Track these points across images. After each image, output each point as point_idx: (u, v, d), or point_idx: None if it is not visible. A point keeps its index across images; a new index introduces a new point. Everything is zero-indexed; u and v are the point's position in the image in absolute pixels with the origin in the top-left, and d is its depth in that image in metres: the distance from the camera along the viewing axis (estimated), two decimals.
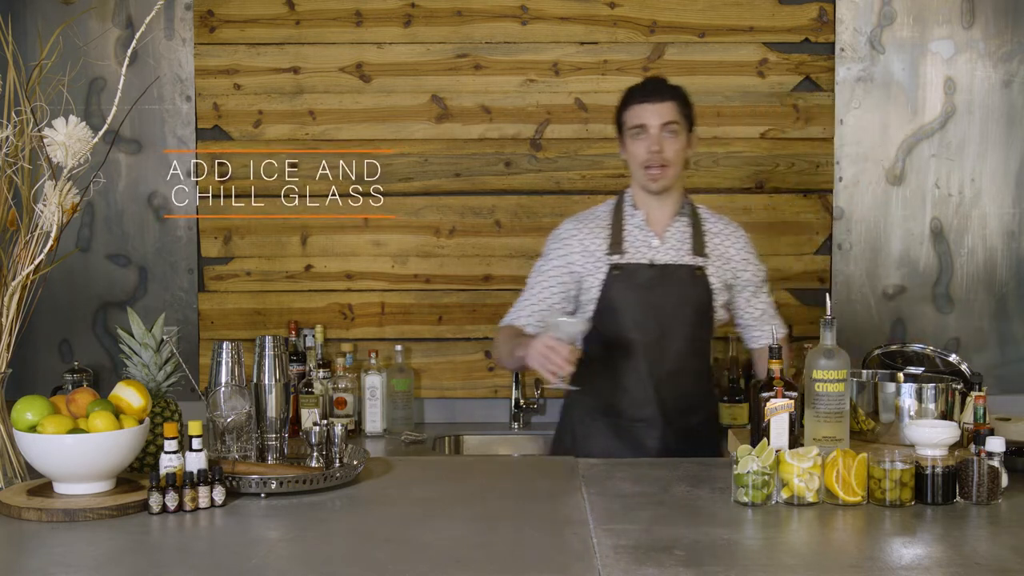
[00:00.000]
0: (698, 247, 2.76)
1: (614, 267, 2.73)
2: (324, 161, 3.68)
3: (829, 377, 2.28)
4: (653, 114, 2.68)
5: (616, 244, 2.74)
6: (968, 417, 2.44)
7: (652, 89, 2.73)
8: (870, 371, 2.77)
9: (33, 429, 2.07)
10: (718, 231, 2.82)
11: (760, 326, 2.88)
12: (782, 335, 2.89)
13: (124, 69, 2.18)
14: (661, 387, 2.73)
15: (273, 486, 2.15)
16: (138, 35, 2.22)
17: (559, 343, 2.42)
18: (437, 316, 3.70)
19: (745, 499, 2.09)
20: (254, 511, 2.08)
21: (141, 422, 2.13)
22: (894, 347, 3.23)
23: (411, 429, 3.56)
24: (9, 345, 2.20)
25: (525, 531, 1.95)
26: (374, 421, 3.52)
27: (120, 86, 2.15)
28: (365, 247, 3.71)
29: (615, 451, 2.68)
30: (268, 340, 2.34)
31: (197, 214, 3.68)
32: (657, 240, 2.75)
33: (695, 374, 2.79)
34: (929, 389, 2.48)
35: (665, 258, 2.74)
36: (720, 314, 2.82)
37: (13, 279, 2.18)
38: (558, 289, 2.77)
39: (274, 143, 3.68)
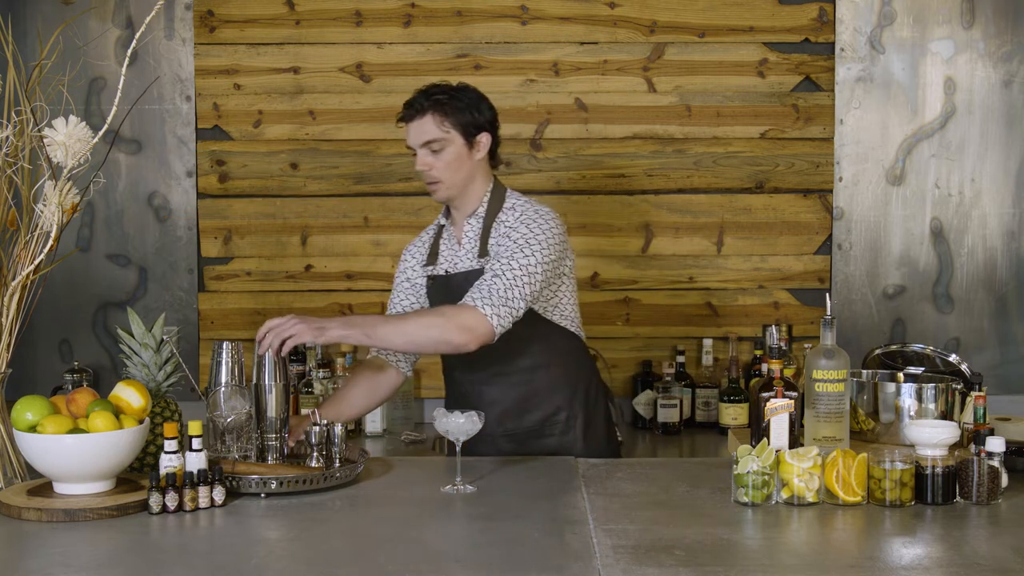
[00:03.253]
0: (482, 248, 2.62)
1: (429, 278, 2.72)
2: (324, 161, 3.69)
3: (829, 377, 2.28)
4: (412, 134, 2.59)
5: (432, 255, 2.73)
6: (968, 417, 2.44)
7: (409, 105, 2.60)
8: (870, 371, 2.77)
9: (33, 429, 2.07)
10: (504, 218, 2.61)
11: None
12: (472, 305, 2.45)
13: (124, 69, 2.18)
14: (482, 392, 2.64)
15: (273, 486, 2.15)
16: (138, 35, 2.22)
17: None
18: None
19: (745, 499, 2.09)
20: (254, 511, 2.08)
21: (141, 422, 2.14)
22: (894, 347, 3.23)
23: (411, 429, 3.56)
24: (9, 345, 2.21)
25: (525, 531, 1.95)
26: (374, 421, 3.51)
27: (120, 86, 2.15)
28: (365, 247, 3.71)
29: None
30: None
31: (197, 214, 3.69)
32: (459, 246, 2.69)
33: (526, 372, 2.64)
34: (929, 389, 2.48)
35: (463, 265, 2.66)
36: (555, 308, 2.64)
37: (13, 279, 2.18)
38: (409, 301, 2.76)
39: (274, 143, 3.69)
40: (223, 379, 2.31)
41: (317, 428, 2.32)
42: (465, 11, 3.66)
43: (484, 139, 2.62)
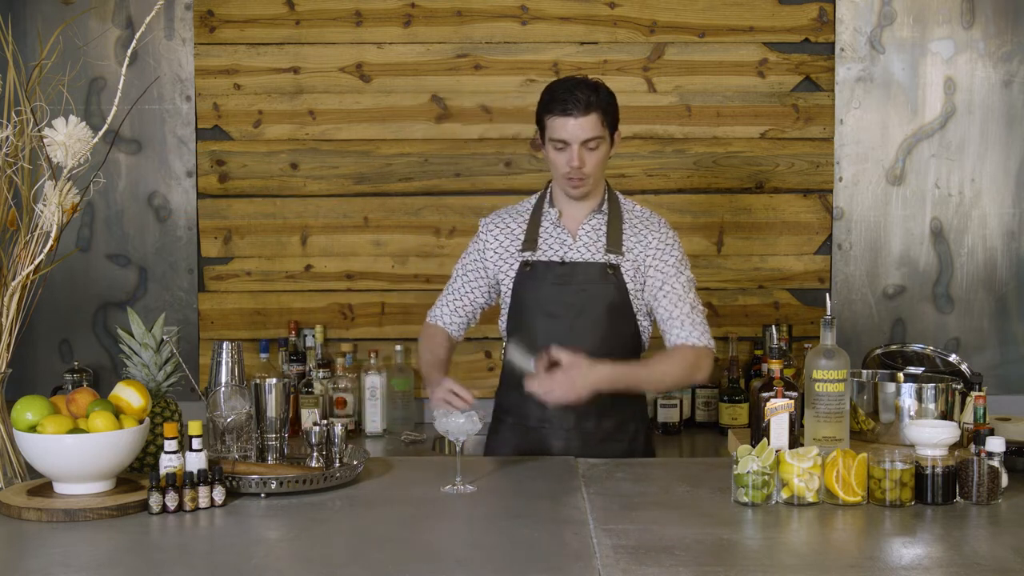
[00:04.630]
0: (613, 244, 2.64)
1: (525, 263, 2.68)
2: (324, 161, 3.69)
3: (829, 377, 2.28)
4: (575, 130, 2.56)
5: (530, 241, 2.69)
6: (968, 417, 2.44)
7: (576, 103, 2.55)
8: (870, 371, 2.77)
9: (33, 429, 2.07)
10: (640, 227, 2.69)
11: (670, 330, 2.66)
12: (701, 346, 2.64)
13: (124, 69, 2.18)
14: None
15: (273, 486, 2.15)
16: (138, 35, 2.22)
17: (458, 389, 2.39)
18: None
19: (745, 499, 2.09)
20: (254, 511, 2.08)
21: (141, 422, 2.14)
22: (894, 347, 3.24)
23: (411, 429, 3.56)
24: (9, 345, 2.21)
25: (525, 531, 1.95)
26: (374, 421, 3.52)
27: (120, 86, 2.15)
28: (365, 247, 3.71)
29: (519, 453, 2.62)
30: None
31: (197, 214, 3.69)
32: (571, 238, 2.68)
33: None
34: (929, 389, 2.48)
35: (577, 256, 2.66)
36: (645, 315, 2.70)
37: (13, 279, 2.18)
38: (475, 284, 2.77)
39: (274, 143, 3.69)
40: (223, 379, 2.31)
41: (317, 428, 2.32)
42: (465, 11, 3.66)
43: (618, 136, 2.69)
